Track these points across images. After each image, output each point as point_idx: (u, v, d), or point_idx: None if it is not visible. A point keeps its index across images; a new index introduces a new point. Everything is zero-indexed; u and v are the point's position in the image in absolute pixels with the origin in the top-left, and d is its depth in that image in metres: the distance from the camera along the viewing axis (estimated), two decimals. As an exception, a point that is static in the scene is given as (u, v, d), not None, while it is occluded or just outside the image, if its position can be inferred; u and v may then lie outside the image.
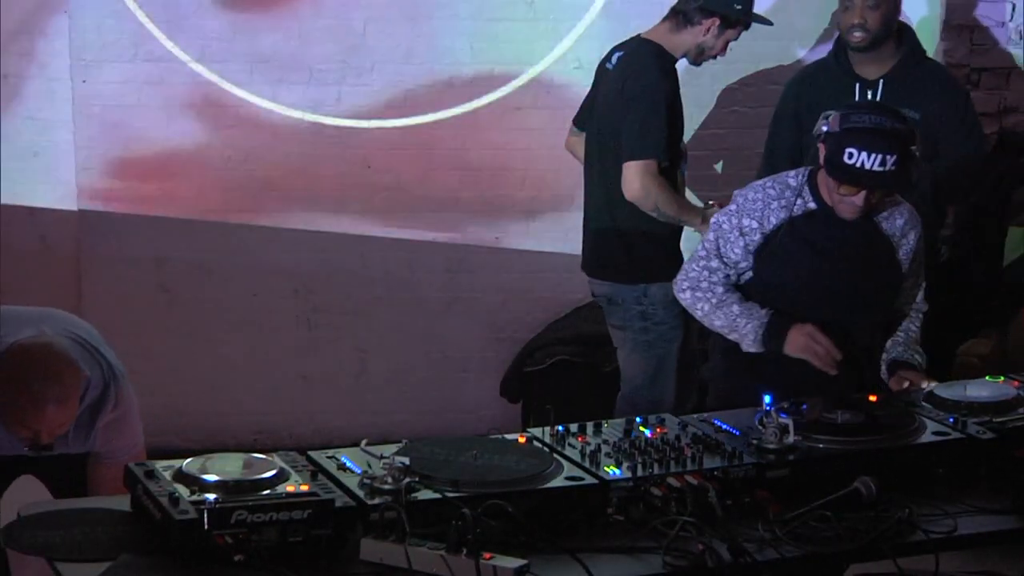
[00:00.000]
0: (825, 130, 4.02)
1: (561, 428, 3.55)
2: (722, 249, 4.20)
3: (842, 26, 5.34)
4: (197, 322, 6.34)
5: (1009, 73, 6.38)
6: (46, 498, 3.90)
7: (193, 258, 6.29)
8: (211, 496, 3.04)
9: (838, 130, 3.98)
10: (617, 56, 5.19)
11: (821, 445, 3.51)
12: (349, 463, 3.29)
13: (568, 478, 3.29)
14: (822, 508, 3.24)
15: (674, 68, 5.13)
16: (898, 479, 3.42)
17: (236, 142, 6.22)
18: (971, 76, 6.30)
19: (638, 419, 3.64)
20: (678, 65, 5.17)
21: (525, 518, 3.10)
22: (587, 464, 3.36)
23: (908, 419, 3.66)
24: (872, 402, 3.83)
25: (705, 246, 4.25)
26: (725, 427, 3.60)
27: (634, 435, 3.53)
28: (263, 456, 3.26)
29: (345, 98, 6.24)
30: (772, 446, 3.44)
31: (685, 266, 4.32)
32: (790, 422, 3.46)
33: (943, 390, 3.88)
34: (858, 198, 4.02)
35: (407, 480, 3.13)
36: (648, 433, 3.55)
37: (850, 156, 3.94)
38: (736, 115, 6.40)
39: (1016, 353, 5.24)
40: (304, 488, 3.11)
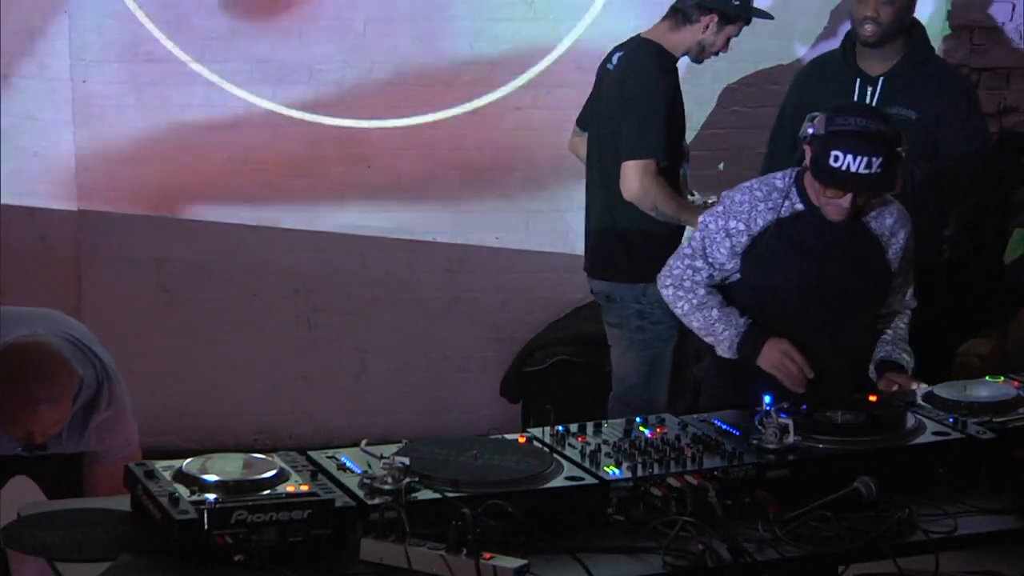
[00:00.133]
0: (811, 132, 4.00)
1: (561, 428, 3.55)
2: (707, 250, 4.18)
3: (855, 17, 5.34)
4: (197, 322, 6.34)
5: (1009, 73, 6.37)
6: (39, 498, 3.90)
7: (193, 258, 6.28)
8: (211, 496, 3.04)
9: (823, 133, 3.96)
10: (617, 56, 5.19)
11: (821, 445, 3.51)
12: (349, 463, 3.29)
13: (568, 478, 3.29)
14: (822, 508, 3.24)
15: (674, 67, 5.13)
16: (898, 479, 3.42)
17: (236, 142, 6.22)
18: (971, 76, 6.29)
19: (638, 419, 3.64)
20: (680, 64, 5.17)
21: (525, 518, 3.10)
22: (587, 464, 3.36)
23: (902, 419, 3.66)
24: (872, 402, 3.84)
25: (691, 245, 4.23)
26: (725, 427, 3.60)
27: (634, 435, 3.53)
28: (263, 456, 3.26)
29: (345, 98, 6.23)
30: (772, 446, 3.44)
31: (670, 262, 4.29)
32: (790, 422, 3.47)
33: (943, 390, 3.88)
34: (845, 200, 4.00)
35: (407, 480, 3.13)
36: (648, 433, 3.55)
37: (835, 159, 3.91)
38: (736, 115, 6.40)
39: (1016, 353, 5.25)
40: (304, 488, 3.11)
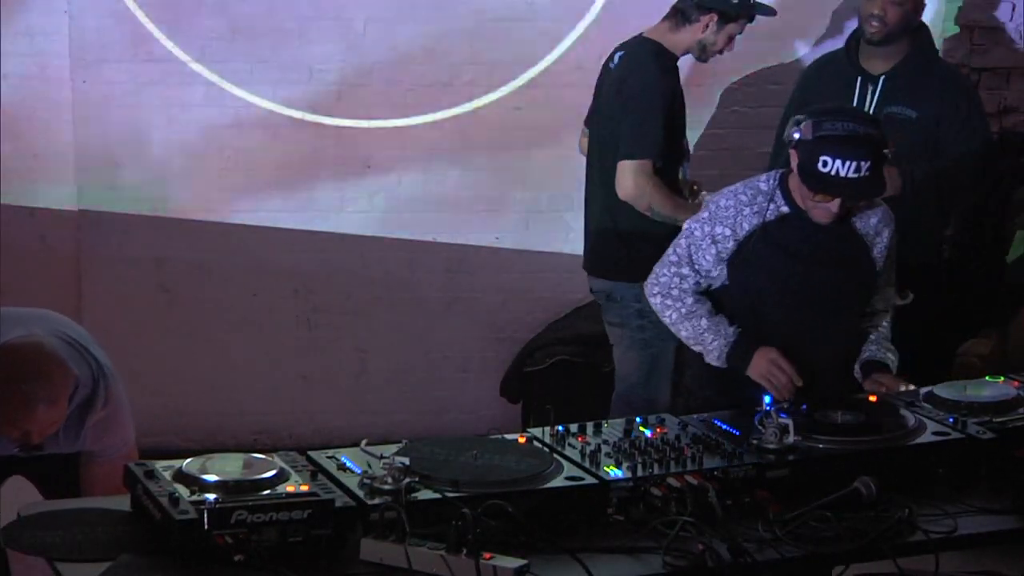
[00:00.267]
0: (797, 137, 3.97)
1: (561, 428, 3.55)
2: (694, 256, 4.16)
3: (862, 14, 5.35)
4: (197, 322, 6.34)
5: (1009, 73, 6.37)
6: (36, 499, 3.89)
7: (193, 258, 6.28)
8: (211, 496, 3.04)
9: (811, 138, 3.93)
10: (619, 55, 5.19)
11: (821, 445, 3.51)
12: (349, 463, 3.29)
13: (568, 478, 3.29)
14: (822, 508, 3.24)
15: (675, 67, 5.13)
16: (898, 479, 3.42)
17: (236, 142, 6.22)
18: (971, 76, 6.29)
19: (638, 419, 3.64)
20: (683, 62, 5.17)
21: (525, 518, 3.10)
22: (587, 464, 3.36)
23: (900, 419, 3.67)
24: (872, 402, 3.84)
25: (677, 252, 4.21)
26: (725, 427, 3.60)
27: (634, 435, 3.53)
28: (263, 456, 3.26)
29: (345, 98, 6.23)
30: (772, 446, 3.44)
31: (656, 269, 4.27)
32: (790, 422, 3.47)
33: (943, 390, 3.88)
34: (833, 204, 3.99)
35: (407, 480, 3.13)
36: (648, 433, 3.55)
37: (824, 164, 3.90)
38: (736, 115, 6.40)
39: (1016, 353, 5.24)
40: (304, 488, 3.11)
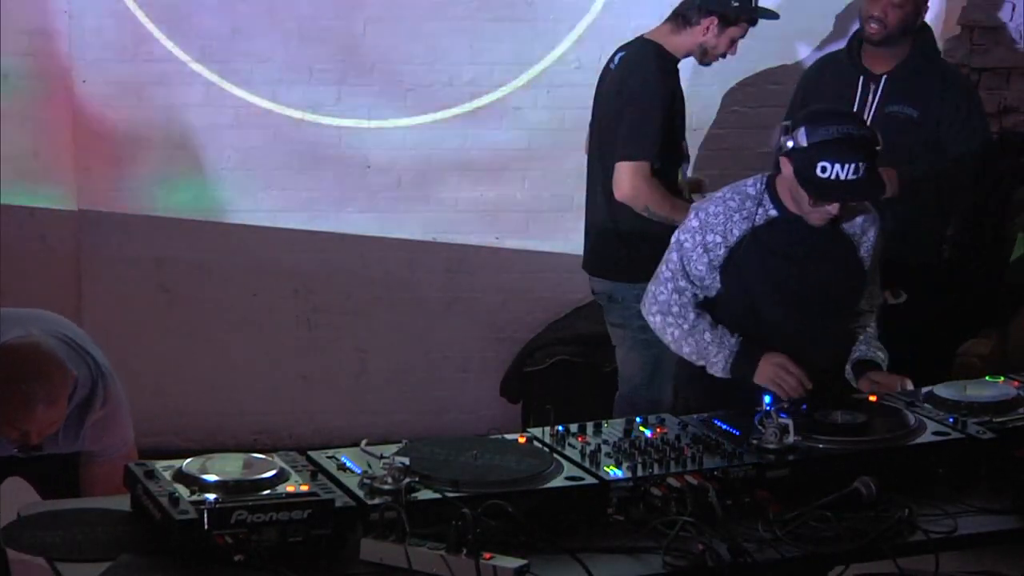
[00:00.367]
0: (791, 146, 3.93)
1: (561, 428, 3.55)
2: (687, 267, 4.12)
3: (863, 14, 5.35)
4: (197, 322, 6.34)
5: (1009, 73, 6.37)
6: (35, 499, 3.89)
7: (193, 258, 6.28)
8: (211, 496, 3.04)
9: (806, 145, 3.90)
10: (619, 56, 5.19)
11: (821, 445, 3.51)
12: (349, 463, 3.29)
13: (568, 478, 3.29)
14: (822, 508, 3.24)
15: (675, 68, 5.12)
16: (898, 479, 3.42)
17: (236, 142, 6.22)
18: (971, 76, 6.29)
19: (638, 419, 3.64)
20: (686, 64, 5.17)
21: (525, 518, 3.10)
22: (587, 464, 3.36)
23: (900, 419, 3.67)
24: (872, 402, 3.84)
25: (669, 267, 4.17)
26: (725, 427, 3.60)
27: (634, 435, 3.53)
28: (263, 456, 3.26)
29: (345, 98, 6.24)
30: (772, 446, 3.44)
31: (652, 289, 4.22)
32: (790, 422, 3.47)
33: (943, 390, 3.88)
34: (833, 207, 3.97)
35: (407, 480, 3.13)
36: (648, 433, 3.55)
37: (823, 170, 3.87)
38: (736, 115, 6.40)
39: (1016, 353, 5.24)
40: (304, 488, 3.11)
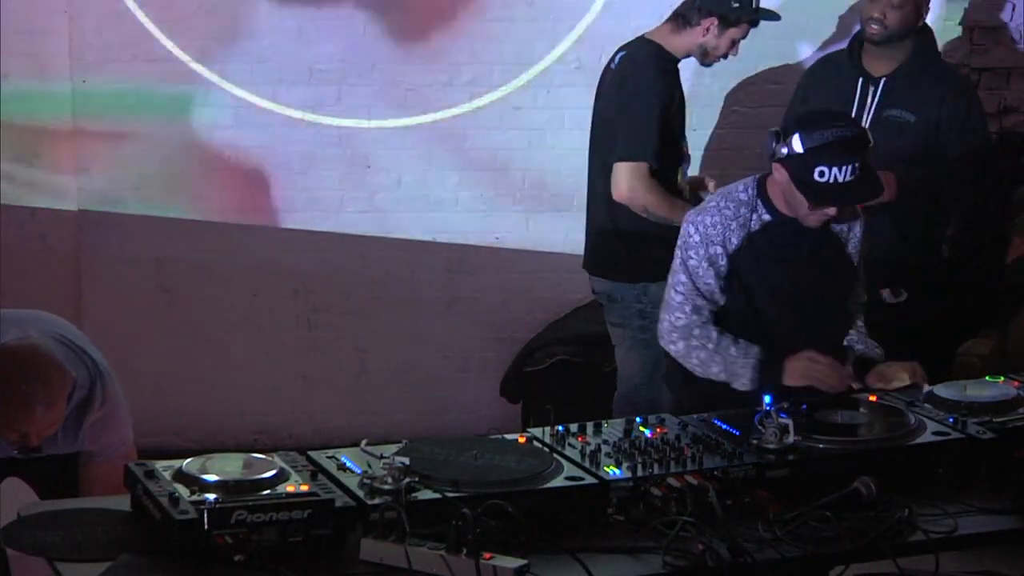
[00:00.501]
0: (785, 152, 3.92)
1: (561, 428, 3.55)
2: (698, 285, 4.08)
3: (863, 14, 5.35)
4: (197, 322, 6.34)
5: (1009, 73, 6.37)
6: (33, 500, 3.89)
7: (193, 258, 6.29)
8: (211, 496, 3.04)
9: (802, 151, 3.88)
10: (619, 56, 5.19)
11: (821, 445, 3.51)
12: (349, 463, 3.29)
13: (568, 478, 3.29)
14: (822, 508, 3.24)
15: (674, 69, 5.12)
16: (898, 479, 3.42)
17: (237, 142, 6.22)
18: (971, 76, 6.29)
19: (638, 419, 3.64)
20: (688, 65, 5.16)
21: (525, 518, 3.10)
22: (587, 464, 3.36)
23: (900, 419, 3.67)
24: (872, 402, 3.84)
25: (680, 290, 4.10)
26: (725, 427, 3.60)
27: (634, 435, 3.53)
28: (263, 456, 3.26)
29: (345, 98, 6.24)
30: (772, 446, 3.44)
31: (666, 317, 4.14)
32: (790, 422, 3.47)
33: (943, 390, 3.88)
34: (831, 209, 3.97)
35: (407, 480, 3.13)
36: (648, 433, 3.55)
37: (821, 175, 3.86)
38: (736, 115, 6.40)
39: (1016, 353, 5.24)
40: (304, 488, 3.11)
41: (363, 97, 6.24)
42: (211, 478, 3.12)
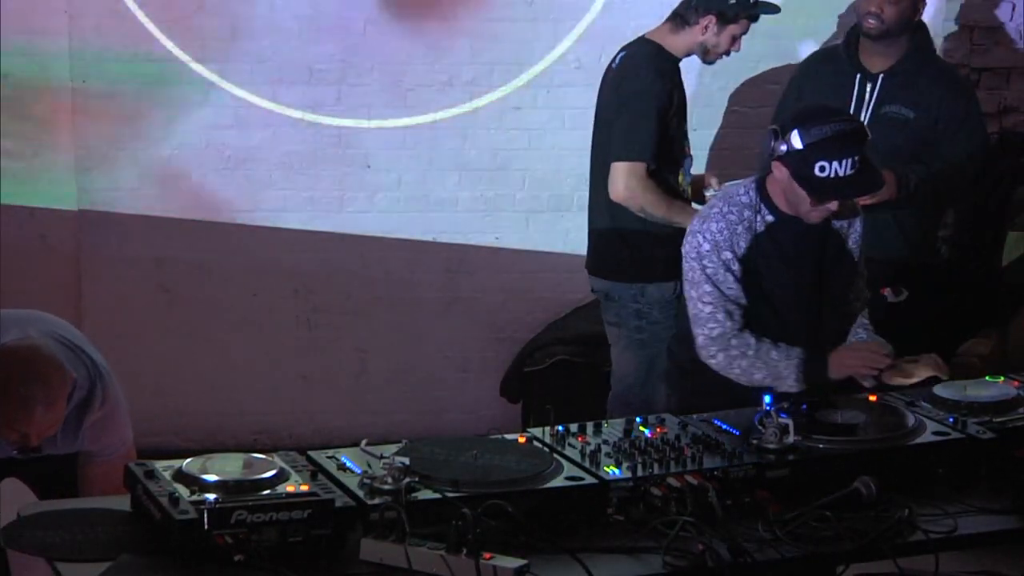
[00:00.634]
0: (784, 149, 3.92)
1: (561, 428, 3.55)
2: (723, 290, 4.06)
3: (860, 9, 5.35)
4: (197, 322, 6.34)
5: (1009, 73, 6.37)
6: (33, 500, 3.89)
7: (193, 258, 6.28)
8: (211, 496, 3.04)
9: (801, 147, 3.89)
10: (620, 56, 5.19)
11: (821, 445, 3.51)
12: (349, 463, 3.29)
13: (568, 478, 3.29)
14: (822, 508, 3.24)
15: (674, 68, 5.11)
16: (898, 479, 3.42)
17: (236, 142, 6.22)
18: (971, 76, 6.29)
19: (638, 419, 3.64)
20: (688, 65, 5.16)
21: (525, 518, 3.10)
22: (587, 464, 3.36)
23: (900, 419, 3.67)
24: (872, 402, 3.84)
25: (707, 300, 4.06)
26: (725, 427, 3.60)
27: (634, 435, 3.53)
28: (263, 456, 3.27)
29: (345, 98, 6.23)
30: (772, 446, 3.44)
31: (701, 331, 4.07)
32: (790, 422, 3.47)
33: (943, 390, 3.88)
34: (833, 204, 3.98)
35: (407, 480, 3.13)
36: (648, 433, 3.55)
37: (822, 169, 3.86)
38: (736, 115, 6.40)
39: (1016, 353, 5.24)
40: (304, 488, 3.11)
41: (363, 97, 6.24)
42: (211, 478, 3.12)
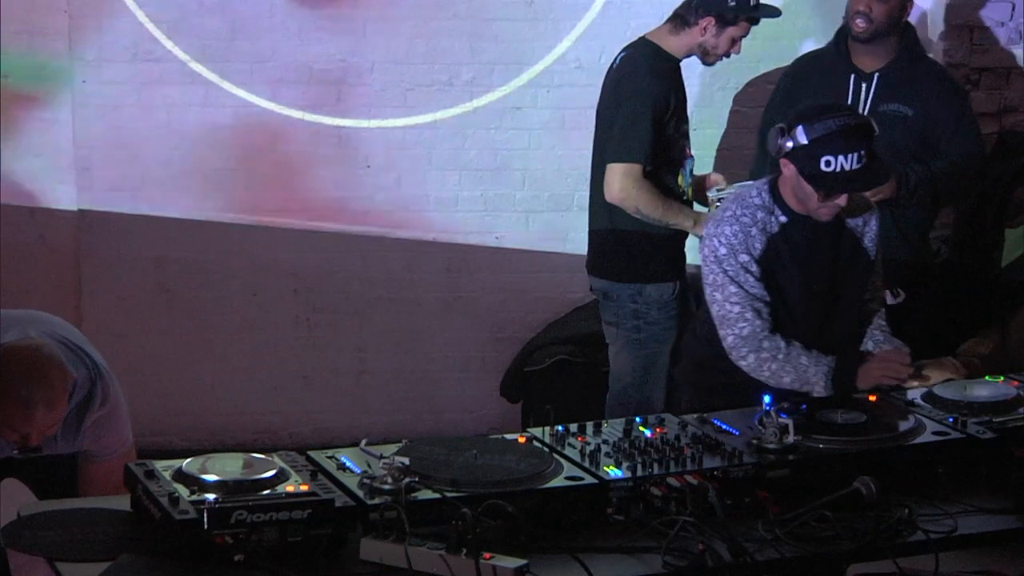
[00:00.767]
0: (790, 146, 3.95)
1: (561, 428, 3.55)
2: (748, 290, 4.08)
3: (849, 9, 5.36)
4: (197, 322, 6.33)
5: (1009, 73, 6.38)
6: (32, 500, 3.89)
7: (193, 258, 6.28)
8: (211, 496, 3.04)
9: (806, 142, 3.92)
10: (619, 57, 5.19)
11: (821, 445, 3.51)
12: (349, 463, 3.29)
13: (568, 478, 3.29)
14: (822, 508, 3.24)
15: (672, 69, 5.10)
16: (898, 479, 3.42)
17: (236, 142, 6.22)
18: (971, 76, 6.30)
19: (638, 419, 3.64)
20: (688, 65, 5.15)
21: (525, 518, 3.10)
22: (587, 464, 3.36)
23: (900, 419, 3.67)
24: (872, 402, 3.84)
25: (734, 301, 4.08)
26: (725, 427, 3.60)
27: (634, 435, 3.53)
28: (263, 456, 3.27)
29: (345, 98, 6.24)
30: (772, 446, 3.44)
31: (730, 331, 4.09)
32: (790, 422, 3.47)
33: (943, 390, 3.88)
34: (842, 199, 3.99)
35: (407, 480, 3.13)
36: (648, 433, 3.55)
37: (827, 164, 3.89)
38: (736, 115, 6.40)
39: (1016, 353, 5.24)
40: (304, 488, 3.11)
41: (363, 97, 6.24)
42: (211, 478, 3.12)
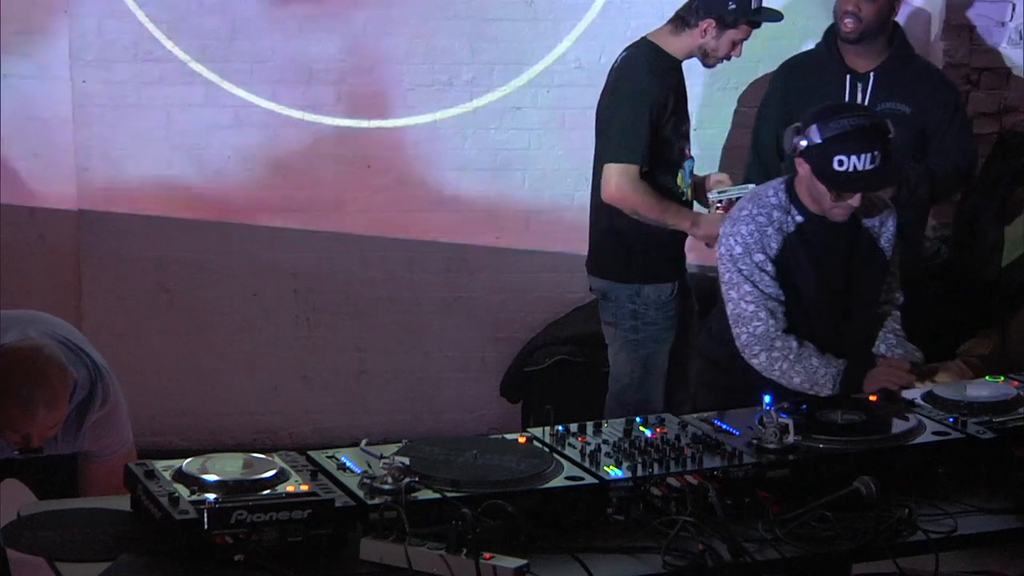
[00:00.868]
0: (804, 145, 3.98)
1: (561, 428, 3.55)
2: (762, 289, 4.10)
3: (838, 9, 5.38)
4: (197, 322, 6.34)
5: (1009, 73, 6.38)
6: (32, 500, 3.89)
7: (193, 258, 6.28)
8: (211, 496, 3.04)
9: (820, 141, 3.96)
10: (621, 57, 5.19)
11: (821, 445, 3.51)
12: (349, 463, 3.29)
13: (568, 478, 3.29)
14: (822, 508, 3.24)
15: (672, 69, 5.09)
16: (898, 479, 3.42)
17: (236, 142, 6.22)
18: (971, 76, 6.30)
19: (638, 419, 3.64)
20: (688, 65, 5.15)
21: (525, 518, 3.10)
22: (587, 464, 3.36)
23: (900, 419, 3.67)
24: (872, 402, 3.84)
25: (748, 300, 4.11)
26: (725, 427, 3.60)
27: (634, 435, 3.53)
28: (263, 456, 3.27)
29: (345, 98, 6.24)
30: (772, 446, 3.44)
31: (744, 329, 4.12)
32: (790, 422, 3.47)
33: (943, 390, 3.88)
34: (855, 200, 4.01)
35: (407, 480, 3.13)
36: (648, 433, 3.55)
37: (840, 163, 3.92)
38: (736, 115, 6.40)
39: (1016, 353, 5.24)
40: (304, 488, 3.11)
41: (363, 97, 6.24)
42: (211, 478, 3.12)
